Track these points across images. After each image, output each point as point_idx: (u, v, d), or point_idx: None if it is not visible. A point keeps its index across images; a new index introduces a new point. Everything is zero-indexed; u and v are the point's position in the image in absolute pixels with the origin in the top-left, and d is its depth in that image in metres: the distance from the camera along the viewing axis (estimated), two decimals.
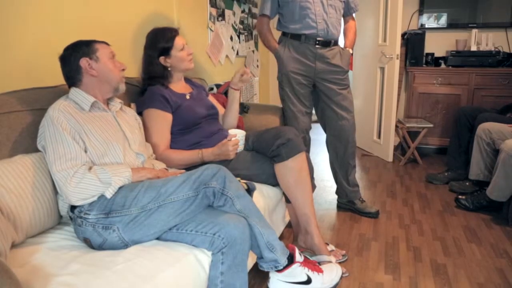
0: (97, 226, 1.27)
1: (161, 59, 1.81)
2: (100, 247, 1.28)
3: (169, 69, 1.84)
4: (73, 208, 1.33)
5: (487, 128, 2.59)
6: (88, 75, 1.43)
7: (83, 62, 1.42)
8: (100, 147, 1.37)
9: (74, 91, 1.43)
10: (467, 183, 2.80)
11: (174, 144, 1.80)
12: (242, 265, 1.29)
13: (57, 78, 1.49)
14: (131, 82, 1.92)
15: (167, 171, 1.53)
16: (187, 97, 1.87)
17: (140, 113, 1.76)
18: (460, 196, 2.63)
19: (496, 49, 3.63)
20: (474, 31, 3.67)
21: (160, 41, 1.80)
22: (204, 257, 1.26)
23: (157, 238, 1.31)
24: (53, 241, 1.32)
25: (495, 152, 2.48)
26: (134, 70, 1.99)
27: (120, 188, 1.31)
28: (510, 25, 3.69)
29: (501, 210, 2.43)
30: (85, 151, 1.34)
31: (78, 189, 1.25)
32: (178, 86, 1.90)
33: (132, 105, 1.83)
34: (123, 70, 1.51)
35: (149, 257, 1.19)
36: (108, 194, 1.28)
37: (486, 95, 3.55)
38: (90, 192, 1.27)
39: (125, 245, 1.28)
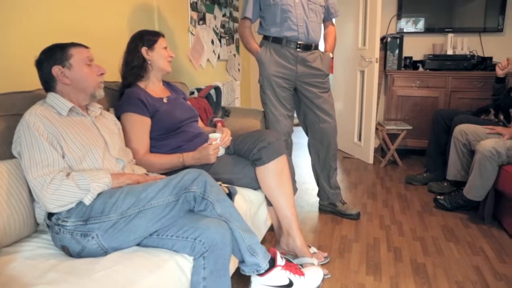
0: (76, 233, 1.25)
1: (144, 50, 1.81)
2: (79, 255, 1.26)
3: (148, 62, 1.83)
4: (50, 215, 1.30)
5: (463, 130, 2.65)
6: (61, 83, 1.40)
7: (55, 70, 1.38)
8: (78, 152, 1.34)
9: (51, 96, 1.40)
10: (445, 184, 2.87)
11: (155, 149, 1.79)
12: (224, 269, 1.29)
13: (37, 82, 1.46)
14: (111, 86, 1.89)
15: (147, 176, 1.52)
16: (165, 100, 1.86)
17: (118, 117, 1.74)
18: (438, 197, 2.68)
19: (471, 53, 3.73)
20: (450, 35, 3.77)
21: (147, 35, 1.85)
22: (185, 263, 1.25)
23: (138, 244, 1.30)
24: (30, 249, 1.28)
25: (471, 153, 2.55)
26: (114, 74, 1.97)
27: (99, 194, 1.29)
28: (483, 30, 3.81)
29: (477, 209, 2.49)
30: (63, 157, 1.31)
31: (55, 196, 1.23)
32: (156, 89, 1.88)
33: (111, 109, 1.80)
34: (102, 74, 1.48)
35: (129, 264, 1.17)
36: (87, 201, 1.26)
37: (462, 97, 3.64)
38: (68, 199, 1.24)
39: (105, 252, 1.26)
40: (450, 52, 3.76)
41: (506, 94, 2.72)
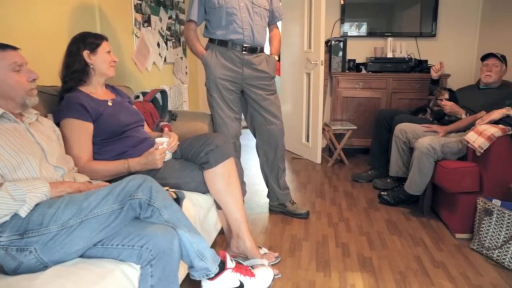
0: (11, 248, 1.17)
1: (86, 53, 1.73)
2: (15, 272, 1.18)
3: (91, 66, 1.76)
4: None
5: (403, 129, 2.80)
6: None
7: None
8: (11, 161, 1.26)
9: None
10: (388, 180, 3.01)
11: (98, 155, 1.72)
12: (173, 276, 1.27)
13: None
14: (49, 91, 1.80)
15: (90, 184, 1.46)
16: (109, 103, 1.79)
17: (57, 123, 1.65)
18: (382, 193, 2.81)
19: (409, 56, 3.95)
20: (390, 39, 3.98)
21: (89, 37, 1.77)
22: (132, 271, 1.21)
23: (81, 256, 1.24)
24: None
25: (411, 150, 2.70)
26: (52, 78, 1.87)
27: (36, 205, 1.22)
28: (419, 35, 4.06)
29: (417, 202, 2.65)
30: None
31: None
32: (99, 92, 1.81)
33: (49, 115, 1.71)
34: (34, 80, 1.38)
35: (72, 277, 1.11)
36: (23, 213, 1.19)
37: (402, 98, 3.85)
38: (1, 211, 1.16)
39: (45, 267, 1.19)
40: (390, 55, 3.97)
41: (432, 94, 2.92)
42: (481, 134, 2.12)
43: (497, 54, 2.78)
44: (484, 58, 2.84)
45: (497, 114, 2.20)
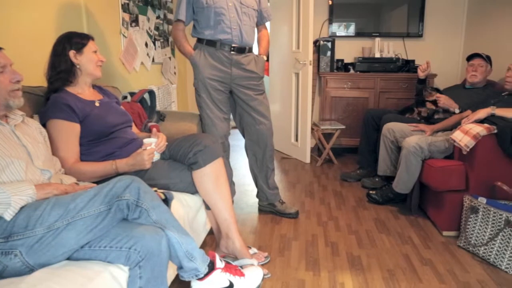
0: None
1: (72, 53, 1.71)
2: (0, 276, 1.16)
3: (77, 66, 1.74)
4: None
5: (391, 128, 2.83)
6: None
7: None
8: None
9: None
10: (377, 179, 3.04)
11: (85, 156, 1.70)
12: (161, 277, 1.26)
13: None
14: (35, 91, 1.77)
15: (77, 186, 1.44)
16: (97, 104, 1.78)
17: (43, 124, 1.63)
18: (371, 192, 2.84)
19: (396, 56, 3.99)
20: (377, 39, 4.01)
21: (75, 37, 1.75)
22: (120, 273, 1.20)
23: (68, 259, 1.23)
24: None
25: (399, 149, 2.72)
26: (38, 78, 1.85)
27: (22, 208, 1.20)
28: (406, 35, 4.10)
29: (405, 201, 2.67)
30: None
31: None
32: (86, 92, 1.79)
33: (35, 116, 1.69)
34: (18, 81, 1.35)
35: (59, 280, 1.10)
36: (8, 216, 1.17)
37: (390, 97, 3.89)
38: None
39: (30, 270, 1.17)
40: (377, 55, 4.00)
41: (419, 94, 2.95)
42: (467, 133, 2.15)
43: (482, 54, 2.83)
44: (469, 58, 2.89)
45: (482, 113, 2.23)
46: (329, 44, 3.94)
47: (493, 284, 1.82)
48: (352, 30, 4.16)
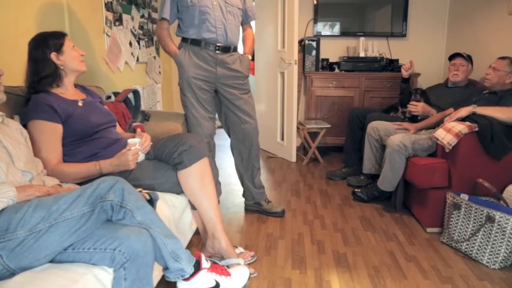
0: None
1: (53, 55, 1.67)
2: None
3: (61, 67, 1.70)
4: None
5: (375, 126, 2.86)
6: None
7: None
8: None
9: None
10: (362, 177, 3.07)
11: (68, 157, 1.67)
12: (147, 278, 1.25)
13: None
14: (15, 91, 1.73)
15: (59, 187, 1.42)
16: (80, 104, 1.75)
17: (24, 125, 1.60)
18: (356, 190, 2.86)
19: (381, 56, 4.03)
20: (362, 39, 4.05)
21: (50, 39, 1.69)
22: (105, 275, 1.19)
23: (51, 261, 1.21)
24: None
25: (383, 148, 2.75)
26: (18, 78, 1.81)
27: (2, 210, 1.18)
28: (390, 34, 4.15)
29: (390, 199, 2.70)
30: None
31: None
32: (69, 92, 1.76)
33: (16, 117, 1.65)
34: None
35: (41, 283, 1.08)
36: None
37: (374, 96, 3.93)
38: None
39: (12, 274, 1.15)
40: (362, 54, 4.04)
41: (407, 94, 2.99)
42: (449, 131, 2.19)
43: (464, 54, 2.88)
44: (451, 57, 2.94)
45: (464, 111, 2.27)
46: (314, 44, 3.95)
47: (475, 279, 1.86)
48: (337, 29, 4.19)
